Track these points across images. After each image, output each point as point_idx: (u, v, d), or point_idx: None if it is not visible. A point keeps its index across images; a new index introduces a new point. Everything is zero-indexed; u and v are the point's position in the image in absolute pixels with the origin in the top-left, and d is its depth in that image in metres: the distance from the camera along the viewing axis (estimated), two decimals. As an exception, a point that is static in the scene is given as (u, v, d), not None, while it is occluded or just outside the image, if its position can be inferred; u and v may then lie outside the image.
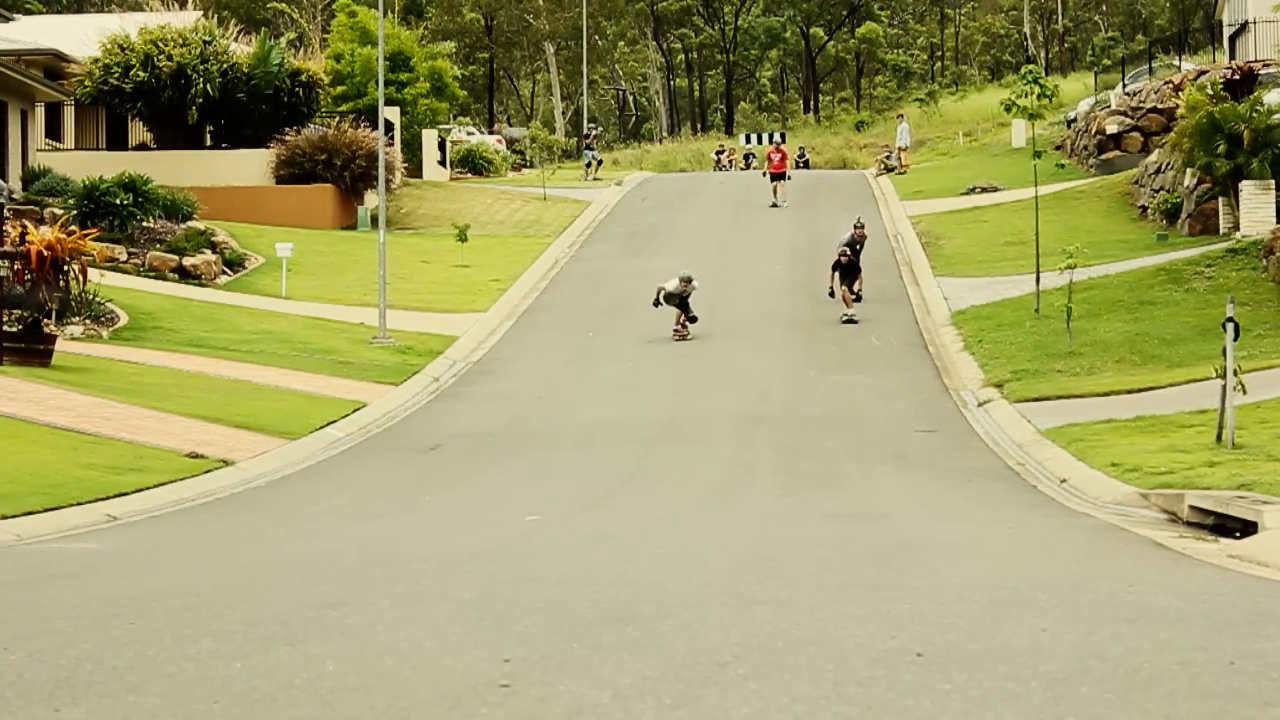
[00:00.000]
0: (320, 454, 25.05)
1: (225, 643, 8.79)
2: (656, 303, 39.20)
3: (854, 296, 40.53)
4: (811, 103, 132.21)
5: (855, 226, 42.23)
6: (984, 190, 62.30)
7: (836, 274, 40.59)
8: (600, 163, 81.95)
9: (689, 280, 38.99)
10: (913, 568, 12.89)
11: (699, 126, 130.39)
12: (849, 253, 40.53)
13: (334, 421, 27.61)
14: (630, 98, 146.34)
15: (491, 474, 22.89)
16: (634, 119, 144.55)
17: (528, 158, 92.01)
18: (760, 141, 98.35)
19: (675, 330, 38.79)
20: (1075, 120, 71.55)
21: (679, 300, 38.86)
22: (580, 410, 30.15)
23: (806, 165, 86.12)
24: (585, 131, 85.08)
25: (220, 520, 18.42)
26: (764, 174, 63.90)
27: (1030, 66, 42.85)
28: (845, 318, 40.07)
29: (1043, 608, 10.18)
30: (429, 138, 75.26)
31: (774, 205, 61.17)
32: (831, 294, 40.93)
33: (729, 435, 26.83)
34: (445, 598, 10.99)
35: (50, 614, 10.66)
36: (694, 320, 39.12)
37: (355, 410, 29.04)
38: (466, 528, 17.00)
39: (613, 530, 16.40)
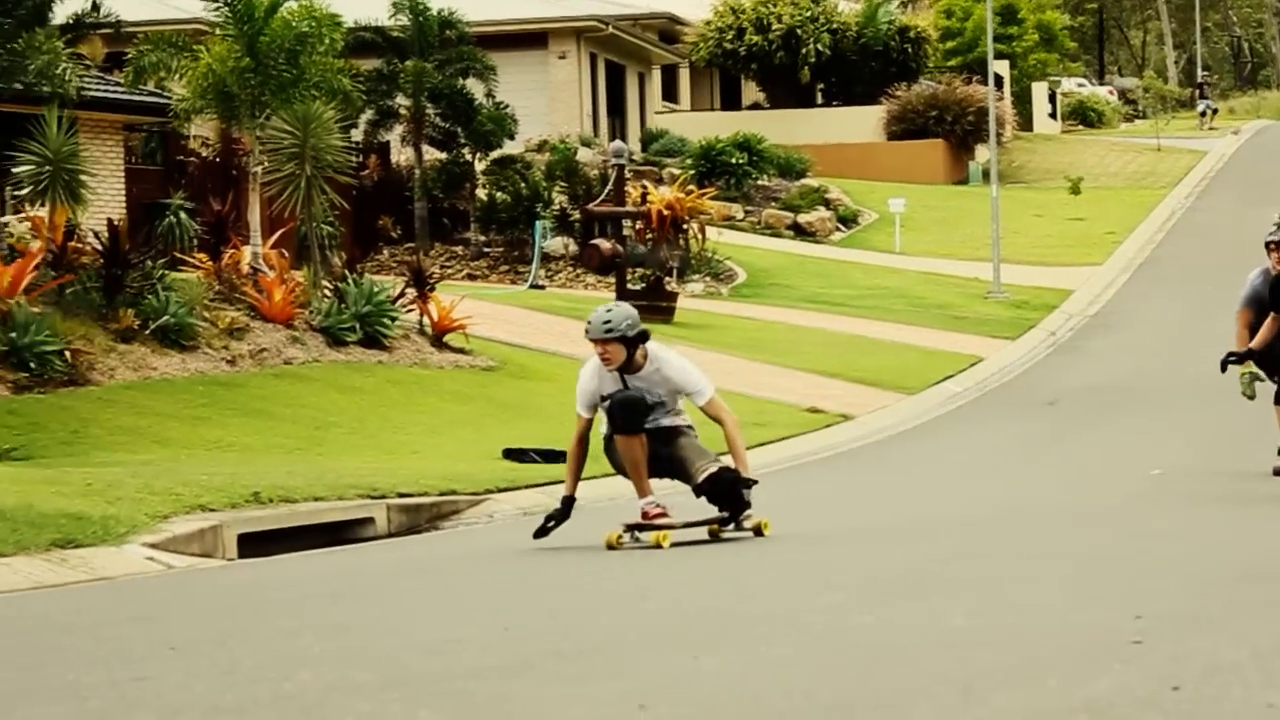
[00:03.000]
0: (938, 409, 25.06)
1: (853, 595, 8.89)
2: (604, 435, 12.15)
3: None
4: None
5: None
6: None
7: None
8: (1215, 111, 79.46)
9: (619, 333, 11.71)
10: None
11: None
12: None
13: (951, 376, 27.59)
14: (1245, 44, 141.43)
15: (1111, 428, 22.48)
16: (1249, 66, 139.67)
17: (1140, 108, 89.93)
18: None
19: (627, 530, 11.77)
20: None
21: (624, 412, 11.82)
22: (1200, 365, 29.31)
23: None
24: (1199, 80, 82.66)
25: (840, 474, 18.63)
26: None
27: None
28: None
29: None
30: (1038, 90, 74.40)
31: None
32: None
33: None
34: (1070, 553, 10.87)
35: (680, 564, 10.98)
36: (715, 491, 11.89)
37: (972, 365, 28.95)
38: (1088, 483, 16.76)
39: (1246, 489, 15.85)
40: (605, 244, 32.29)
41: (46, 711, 6.12)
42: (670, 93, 61.56)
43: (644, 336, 11.78)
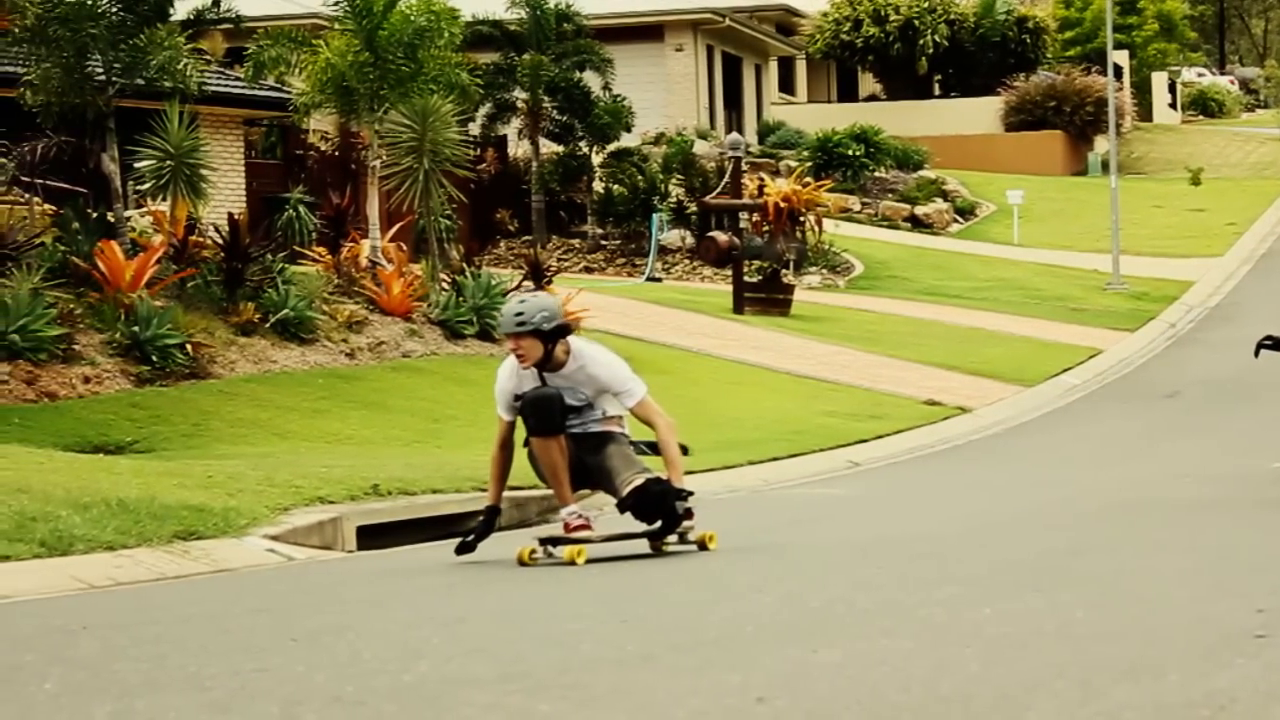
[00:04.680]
0: (1055, 401, 24.91)
1: (972, 588, 8.85)
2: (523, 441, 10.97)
3: None
4: None
5: None
6: None
7: None
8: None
9: (531, 326, 10.51)
10: None
11: None
12: None
13: (1069, 369, 27.42)
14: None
15: (1232, 421, 22.26)
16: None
17: (1261, 98, 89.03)
18: None
19: (541, 544, 10.70)
20: None
21: (536, 411, 10.63)
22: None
23: None
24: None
25: (958, 467, 18.54)
26: None
27: None
28: None
29: None
30: (1158, 80, 73.81)
31: None
32: None
33: None
34: (1190, 546, 10.79)
35: (799, 557, 10.98)
36: (641, 505, 10.62)
37: (1090, 357, 28.76)
38: (1208, 476, 16.59)
39: (1365, 481, 15.68)
40: (722, 237, 32.30)
41: (169, 702, 6.18)
42: (787, 85, 61.46)
43: (563, 330, 10.62)
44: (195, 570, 10.92)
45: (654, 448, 10.92)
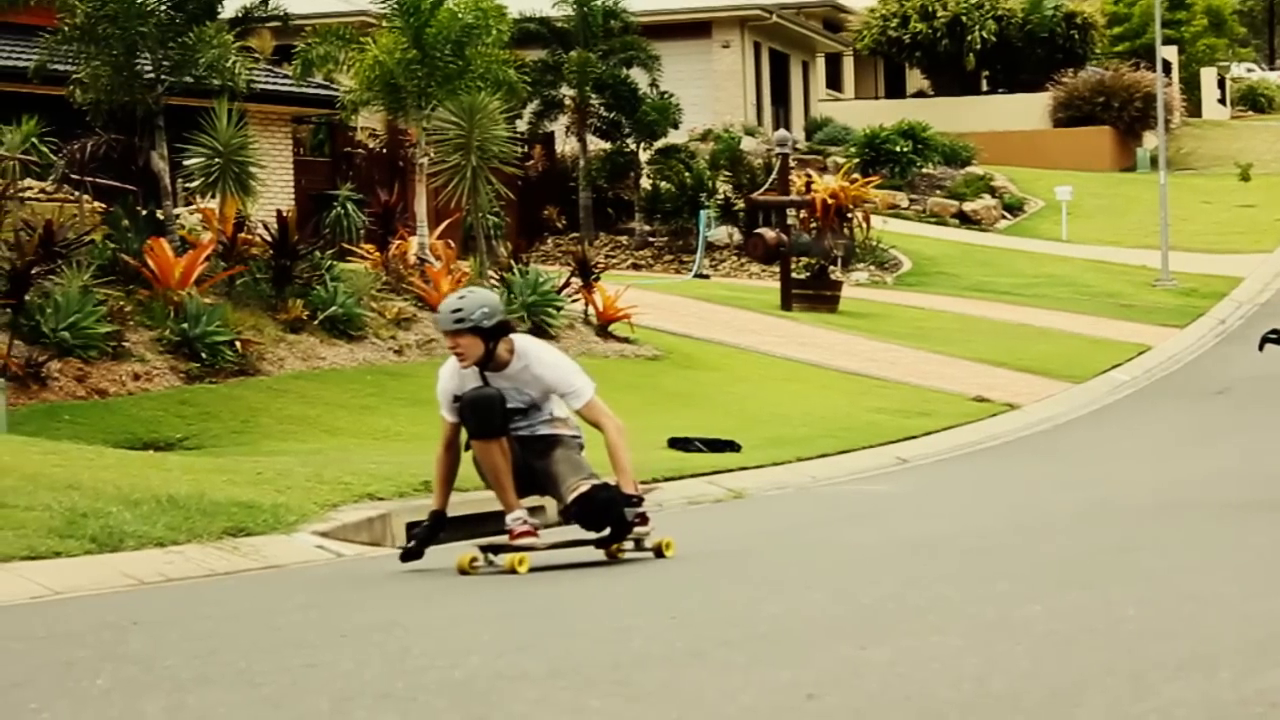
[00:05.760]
0: (1105, 398, 24.82)
1: (1022, 584, 8.83)
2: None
3: None
4: None
5: None
6: None
7: None
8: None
9: (471, 323, 10.07)
10: None
11: None
12: None
13: (1118, 365, 27.32)
14: None
15: (1283, 418, 22.13)
16: None
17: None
18: None
19: (482, 551, 10.33)
20: None
21: (475, 412, 10.14)
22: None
23: None
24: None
25: (1006, 463, 18.49)
26: None
27: None
28: None
29: None
30: (1207, 76, 73.47)
31: None
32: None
33: None
34: (1242, 543, 10.75)
35: (848, 554, 10.97)
36: (586, 513, 10.13)
37: (1139, 354, 28.64)
38: (1259, 473, 16.51)
39: None
40: (770, 233, 32.27)
41: (221, 697, 6.21)
42: (834, 81, 61.35)
43: (505, 328, 10.14)
44: (245, 566, 10.97)
45: (710, 445, 10.85)
